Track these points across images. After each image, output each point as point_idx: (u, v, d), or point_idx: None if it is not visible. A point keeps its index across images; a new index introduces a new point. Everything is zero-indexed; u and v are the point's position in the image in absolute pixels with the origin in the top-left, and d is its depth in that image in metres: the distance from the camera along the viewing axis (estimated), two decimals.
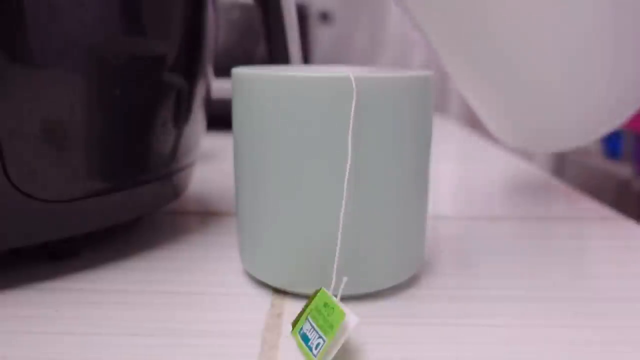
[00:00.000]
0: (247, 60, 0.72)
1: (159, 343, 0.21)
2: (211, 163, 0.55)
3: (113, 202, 0.27)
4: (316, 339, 0.20)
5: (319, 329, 0.21)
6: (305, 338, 0.21)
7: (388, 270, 0.25)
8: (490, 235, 0.34)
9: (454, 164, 0.57)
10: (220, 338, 0.22)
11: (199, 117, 0.32)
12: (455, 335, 0.22)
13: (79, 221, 0.26)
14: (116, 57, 0.25)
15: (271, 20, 0.37)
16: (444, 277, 0.28)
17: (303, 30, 0.89)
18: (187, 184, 0.34)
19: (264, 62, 0.73)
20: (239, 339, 0.22)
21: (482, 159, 0.60)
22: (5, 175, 0.23)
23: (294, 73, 0.23)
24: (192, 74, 0.30)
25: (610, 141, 1.14)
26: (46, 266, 0.28)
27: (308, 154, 0.23)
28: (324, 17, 1.20)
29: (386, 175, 0.24)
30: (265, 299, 0.25)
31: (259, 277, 0.26)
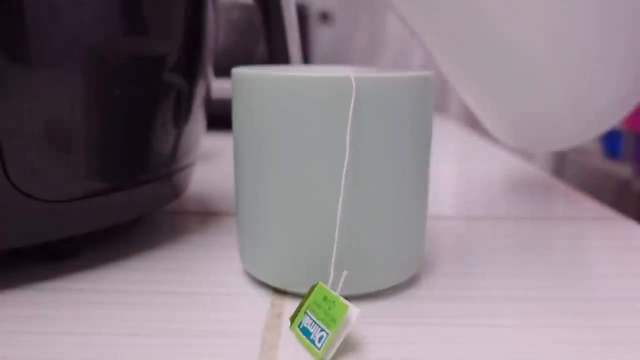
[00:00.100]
0: (247, 60, 0.72)
1: (159, 343, 0.21)
2: (211, 163, 0.55)
3: (113, 202, 0.27)
4: (318, 332, 0.21)
5: (320, 322, 0.21)
6: (306, 332, 0.21)
7: (388, 270, 0.25)
8: (490, 235, 0.34)
9: (454, 164, 0.57)
10: (220, 338, 0.22)
11: (199, 117, 0.32)
12: (455, 335, 0.22)
13: (79, 221, 0.26)
14: (116, 57, 0.25)
15: (271, 20, 0.37)
16: (444, 277, 0.28)
17: (303, 30, 0.89)
18: (187, 184, 0.34)
19: (264, 62, 0.73)
20: (239, 339, 0.22)
21: (482, 159, 0.60)
22: (5, 175, 0.23)
23: (294, 73, 0.23)
24: (192, 74, 0.30)
25: (610, 141, 1.14)
26: (46, 266, 0.28)
27: (308, 154, 0.23)
28: (324, 17, 1.20)
29: (386, 175, 0.24)
30: (265, 299, 0.25)
31: (259, 277, 0.26)
